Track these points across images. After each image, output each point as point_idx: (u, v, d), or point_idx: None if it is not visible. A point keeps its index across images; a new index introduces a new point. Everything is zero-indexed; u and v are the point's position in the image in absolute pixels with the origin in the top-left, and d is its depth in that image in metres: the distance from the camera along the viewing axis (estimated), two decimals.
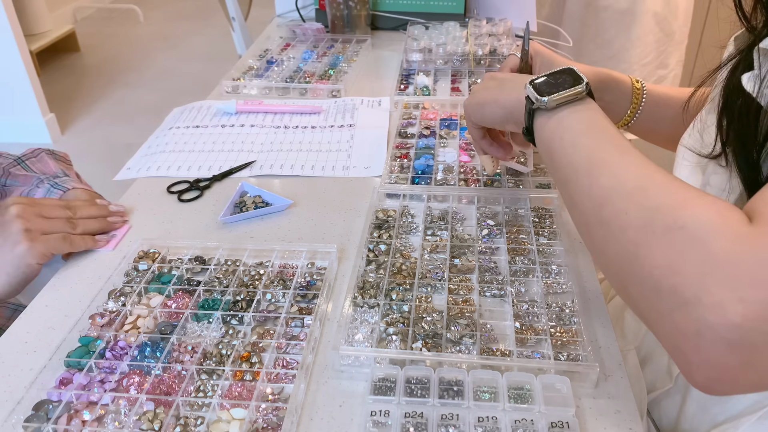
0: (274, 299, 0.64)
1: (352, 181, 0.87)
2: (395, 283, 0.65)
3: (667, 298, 0.42)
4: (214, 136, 0.98)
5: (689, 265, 0.41)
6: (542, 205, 0.78)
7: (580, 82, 0.57)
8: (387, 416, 0.51)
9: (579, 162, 0.53)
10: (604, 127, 0.55)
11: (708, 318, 0.40)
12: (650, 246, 0.44)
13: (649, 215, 0.45)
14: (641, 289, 0.45)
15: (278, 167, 0.89)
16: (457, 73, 1.19)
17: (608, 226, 0.49)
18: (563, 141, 0.56)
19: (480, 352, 0.56)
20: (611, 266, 0.49)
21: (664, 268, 0.43)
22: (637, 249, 0.45)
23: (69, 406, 0.52)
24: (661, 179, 0.48)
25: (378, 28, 1.47)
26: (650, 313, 0.45)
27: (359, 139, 0.97)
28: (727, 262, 0.40)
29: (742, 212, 0.44)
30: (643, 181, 0.48)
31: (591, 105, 0.57)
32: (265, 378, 0.54)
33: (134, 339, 0.59)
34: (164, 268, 0.68)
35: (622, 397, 0.53)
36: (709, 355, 0.40)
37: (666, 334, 0.44)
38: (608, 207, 0.49)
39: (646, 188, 0.47)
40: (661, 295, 0.43)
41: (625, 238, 0.47)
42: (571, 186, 0.54)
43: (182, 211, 0.81)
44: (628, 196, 0.48)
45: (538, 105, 0.58)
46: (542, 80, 0.59)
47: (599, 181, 0.51)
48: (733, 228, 0.42)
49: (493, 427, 0.50)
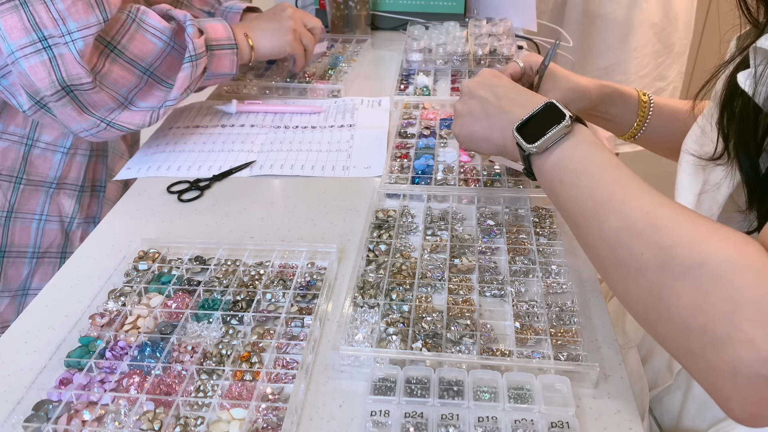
0: (274, 299, 0.64)
1: (352, 181, 0.87)
2: (395, 283, 0.65)
3: (697, 338, 0.42)
4: (214, 136, 0.98)
5: (715, 304, 0.41)
6: (542, 205, 0.78)
7: (563, 116, 0.56)
8: (387, 416, 0.51)
9: (584, 205, 0.53)
10: (600, 160, 0.54)
11: (742, 356, 0.39)
12: (672, 287, 0.44)
13: (665, 255, 0.45)
14: (669, 329, 0.45)
15: (278, 167, 0.89)
16: (457, 73, 1.19)
17: (626, 269, 0.48)
18: (563, 184, 0.55)
19: (480, 352, 0.56)
20: (635, 306, 0.49)
21: (690, 308, 0.42)
22: (659, 290, 0.45)
23: (69, 406, 0.52)
24: (669, 213, 0.47)
25: (378, 28, 1.47)
26: (682, 352, 0.45)
27: (359, 139, 0.97)
28: (753, 298, 0.40)
29: (758, 244, 0.43)
30: (652, 218, 0.47)
31: (581, 136, 0.56)
32: (265, 378, 0.54)
33: (134, 339, 0.59)
34: (164, 268, 0.68)
35: (622, 397, 0.53)
36: (747, 392, 0.40)
37: (701, 373, 0.44)
38: (622, 249, 0.48)
39: (656, 226, 0.46)
40: (691, 334, 0.43)
41: (644, 279, 0.46)
42: (582, 230, 0.54)
43: (182, 211, 0.81)
44: (640, 237, 0.47)
45: (529, 152, 0.58)
46: (527, 124, 0.59)
47: (608, 223, 0.50)
48: (754, 263, 0.41)
49: (493, 427, 0.50)
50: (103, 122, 0.81)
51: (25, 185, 0.91)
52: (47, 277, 0.95)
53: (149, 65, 0.84)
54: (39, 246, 0.94)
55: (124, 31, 0.81)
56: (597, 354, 0.57)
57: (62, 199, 0.95)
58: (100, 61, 0.79)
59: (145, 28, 0.83)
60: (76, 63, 0.74)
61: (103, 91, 0.80)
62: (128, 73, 0.82)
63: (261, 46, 1.01)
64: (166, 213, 0.80)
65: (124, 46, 0.81)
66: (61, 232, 0.96)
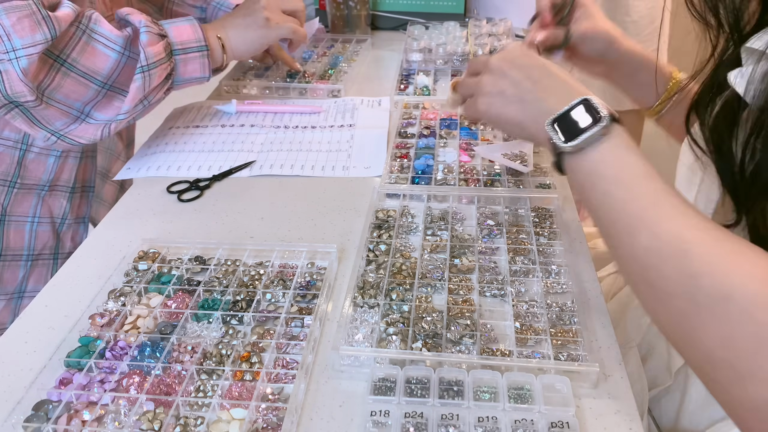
0: (274, 299, 0.64)
1: (352, 181, 0.87)
2: (395, 283, 0.65)
3: (722, 371, 0.42)
4: (214, 136, 0.98)
5: (741, 339, 0.41)
6: (542, 205, 0.78)
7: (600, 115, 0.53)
8: (387, 416, 0.51)
9: (617, 216, 0.51)
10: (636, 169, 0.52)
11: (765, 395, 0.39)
12: (699, 315, 0.44)
13: (692, 284, 0.44)
14: (695, 355, 0.45)
15: (278, 167, 0.89)
16: (457, 73, 1.19)
17: (655, 290, 0.48)
18: (596, 189, 0.53)
19: (480, 352, 0.56)
20: (665, 329, 0.49)
21: (716, 341, 0.42)
22: (687, 318, 0.45)
23: (69, 406, 0.52)
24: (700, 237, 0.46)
25: (378, 28, 1.47)
26: (709, 382, 0.45)
27: (359, 139, 0.97)
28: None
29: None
30: (682, 241, 0.46)
31: (619, 139, 0.53)
32: (265, 378, 0.54)
33: (134, 339, 0.59)
34: (164, 268, 0.68)
35: (622, 397, 0.53)
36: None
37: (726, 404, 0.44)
38: (652, 271, 0.47)
39: (686, 251, 0.46)
40: (716, 366, 0.43)
41: (672, 303, 0.46)
42: (613, 240, 0.52)
43: (182, 211, 0.81)
44: (669, 260, 0.46)
45: (562, 150, 0.55)
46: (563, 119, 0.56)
47: (639, 240, 0.49)
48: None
49: (493, 427, 0.50)
50: (54, 135, 0.79)
51: (18, 189, 0.90)
52: (42, 278, 0.95)
53: (106, 77, 0.79)
54: (33, 248, 0.94)
55: (74, 43, 0.76)
56: (597, 354, 0.57)
57: (53, 200, 0.95)
58: (48, 77, 0.75)
59: (96, 39, 0.78)
60: (19, 81, 0.71)
61: (51, 107, 0.77)
62: (81, 86, 0.78)
63: (235, 45, 0.96)
64: (165, 213, 0.80)
65: (74, 59, 0.76)
66: (52, 233, 0.96)
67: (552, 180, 0.82)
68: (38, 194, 0.93)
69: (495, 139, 0.94)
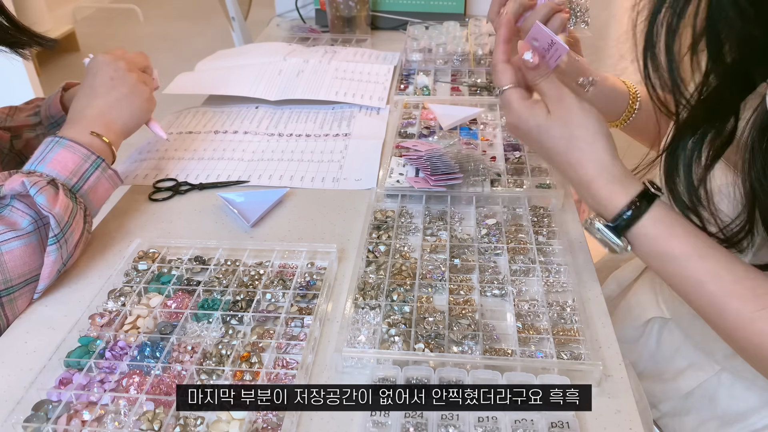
0: (273, 299, 0.64)
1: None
2: (396, 284, 0.65)
3: None
4: (206, 143, 0.97)
5: None
6: (540, 204, 0.78)
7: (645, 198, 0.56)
8: (387, 416, 0.51)
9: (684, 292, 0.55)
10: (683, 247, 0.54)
11: None
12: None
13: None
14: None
15: (267, 178, 0.87)
16: (457, 73, 1.19)
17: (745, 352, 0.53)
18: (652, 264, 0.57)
19: (482, 352, 0.56)
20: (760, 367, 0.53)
21: None
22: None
23: (69, 406, 0.52)
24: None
25: (378, 28, 1.47)
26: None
27: (353, 149, 0.95)
28: None
29: None
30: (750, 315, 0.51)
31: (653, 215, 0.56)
32: (265, 378, 0.54)
33: (134, 339, 0.58)
34: (164, 268, 0.68)
35: (622, 397, 0.53)
36: None
37: None
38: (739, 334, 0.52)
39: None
40: None
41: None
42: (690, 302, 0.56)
43: (182, 211, 0.81)
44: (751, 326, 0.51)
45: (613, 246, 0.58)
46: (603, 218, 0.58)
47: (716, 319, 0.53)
48: None
49: (493, 427, 0.50)
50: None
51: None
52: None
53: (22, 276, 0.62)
54: None
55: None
56: (597, 353, 0.57)
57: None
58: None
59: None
60: None
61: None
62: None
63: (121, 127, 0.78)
64: (166, 213, 0.80)
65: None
66: None
67: (552, 180, 0.82)
68: None
69: (494, 138, 0.94)
